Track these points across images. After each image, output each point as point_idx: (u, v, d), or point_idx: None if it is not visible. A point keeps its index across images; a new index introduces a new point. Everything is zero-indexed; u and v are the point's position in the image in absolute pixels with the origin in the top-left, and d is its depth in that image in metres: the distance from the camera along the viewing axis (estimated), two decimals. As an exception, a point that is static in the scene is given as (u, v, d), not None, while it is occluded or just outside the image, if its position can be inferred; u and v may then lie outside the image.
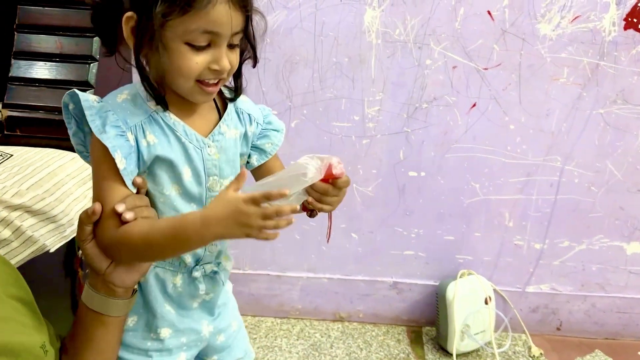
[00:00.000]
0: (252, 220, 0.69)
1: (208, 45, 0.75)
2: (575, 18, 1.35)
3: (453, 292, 1.54)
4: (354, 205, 1.58)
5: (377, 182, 1.55)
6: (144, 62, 0.77)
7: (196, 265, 0.89)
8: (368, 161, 1.52)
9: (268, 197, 0.68)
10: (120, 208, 0.74)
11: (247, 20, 0.77)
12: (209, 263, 0.91)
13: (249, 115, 0.91)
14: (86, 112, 0.77)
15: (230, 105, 0.90)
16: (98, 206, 0.75)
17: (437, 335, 1.65)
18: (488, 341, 1.58)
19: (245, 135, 0.91)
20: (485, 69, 1.41)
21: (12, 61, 1.25)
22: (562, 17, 1.35)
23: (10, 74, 1.25)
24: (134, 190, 0.81)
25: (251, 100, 0.91)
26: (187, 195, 0.83)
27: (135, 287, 0.86)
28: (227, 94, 0.91)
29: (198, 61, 0.74)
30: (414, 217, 1.59)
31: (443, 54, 1.40)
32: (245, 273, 1.69)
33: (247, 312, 1.74)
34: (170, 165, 0.82)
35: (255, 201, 0.69)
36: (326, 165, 0.77)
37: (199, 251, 0.88)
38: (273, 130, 0.94)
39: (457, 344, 1.54)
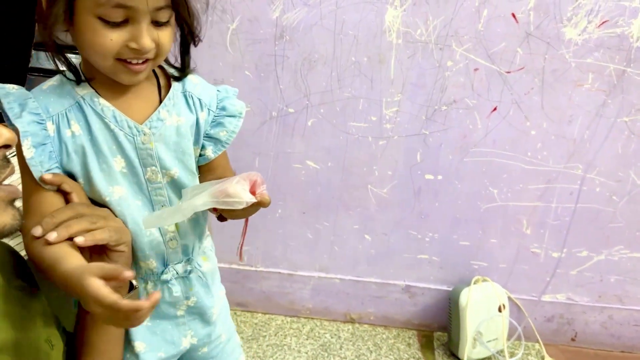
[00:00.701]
0: (91, 304, 0.59)
1: (126, 21, 0.68)
2: (603, 23, 1.33)
3: (466, 298, 1.53)
4: (368, 206, 1.57)
5: (392, 184, 1.54)
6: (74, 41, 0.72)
7: (165, 268, 0.84)
8: (384, 162, 1.52)
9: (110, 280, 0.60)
10: (37, 232, 0.68)
11: None
12: (178, 263, 0.85)
13: (199, 100, 0.82)
14: (2, 101, 0.71)
15: (175, 89, 0.81)
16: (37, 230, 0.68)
17: (448, 341, 1.64)
18: (500, 349, 1.57)
19: (197, 123, 0.82)
20: (508, 72, 1.39)
21: (33, 52, 1.26)
22: (589, 21, 1.32)
23: (30, 65, 1.27)
24: (43, 185, 0.73)
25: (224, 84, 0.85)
26: (129, 190, 0.78)
27: (134, 282, 0.82)
28: (174, 73, 0.83)
29: (113, 38, 0.68)
30: (429, 220, 1.58)
31: (465, 55, 1.39)
32: (257, 270, 1.70)
33: (257, 309, 1.74)
34: (100, 156, 0.76)
35: (104, 274, 0.60)
36: (251, 183, 0.74)
37: (161, 248, 0.83)
38: (228, 116, 0.85)
39: (468, 351, 1.53)
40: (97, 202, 0.78)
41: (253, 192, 0.73)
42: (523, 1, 1.32)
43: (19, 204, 0.62)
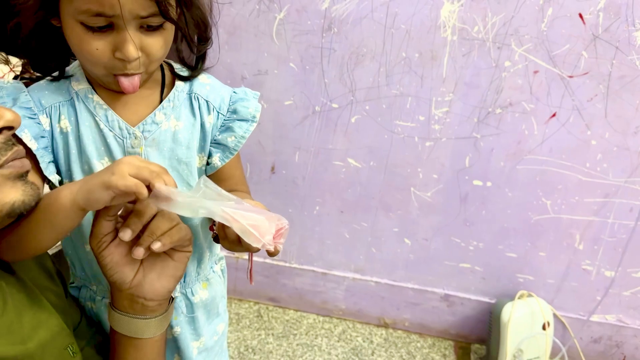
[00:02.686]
0: (126, 160, 0.61)
1: (111, 27, 0.65)
2: (682, 28, 1.25)
3: (509, 312, 1.49)
4: (410, 209, 1.55)
5: (437, 187, 1.51)
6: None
7: None
8: (430, 165, 1.49)
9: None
10: (126, 236, 0.64)
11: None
12: None
13: (206, 102, 0.78)
14: None
15: (179, 90, 0.77)
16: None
17: (486, 355, 1.61)
18: (542, 369, 1.54)
19: (203, 127, 0.78)
20: (570, 76, 1.34)
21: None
22: (666, 26, 1.25)
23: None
24: (54, 177, 0.73)
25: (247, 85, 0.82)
26: None
27: (173, 295, 0.77)
28: (180, 71, 0.78)
29: (98, 47, 0.65)
30: (474, 228, 1.54)
31: (524, 56, 1.34)
32: (291, 266, 1.71)
33: (289, 305, 1.76)
34: (83, 157, 0.73)
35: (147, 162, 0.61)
36: (278, 228, 0.65)
37: None
38: (239, 120, 0.79)
39: (507, 369, 1.50)
40: None
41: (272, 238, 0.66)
42: (592, 1, 1.25)
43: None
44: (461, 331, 1.68)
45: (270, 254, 0.68)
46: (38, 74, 0.77)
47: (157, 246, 0.64)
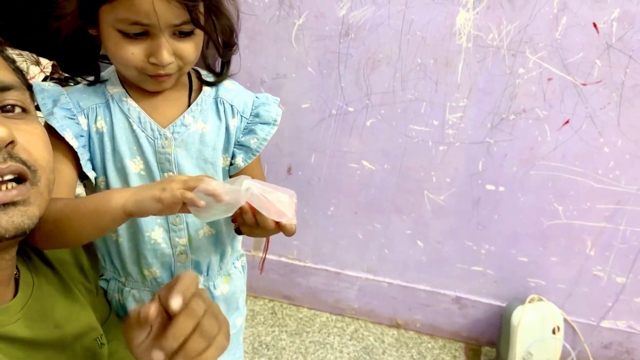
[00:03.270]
0: (176, 178, 0.65)
1: (146, 34, 0.70)
2: (696, 38, 1.28)
3: (519, 316, 1.53)
4: (423, 212, 1.59)
5: (450, 191, 1.55)
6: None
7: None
8: (443, 169, 1.53)
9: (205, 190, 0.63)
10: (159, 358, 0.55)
11: (194, 8, 0.70)
12: None
13: (231, 106, 0.83)
14: (37, 97, 0.76)
15: (206, 94, 0.82)
16: (153, 309, 0.55)
17: (496, 358, 1.65)
18: (551, 373, 1.57)
19: (228, 130, 0.83)
20: (584, 84, 1.37)
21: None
22: (680, 36, 1.28)
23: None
24: (92, 173, 0.77)
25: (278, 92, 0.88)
26: None
27: None
28: (206, 77, 0.84)
29: (134, 52, 0.71)
30: (486, 232, 1.58)
31: (538, 64, 1.37)
32: (306, 265, 1.76)
33: (303, 303, 1.81)
34: (117, 155, 0.78)
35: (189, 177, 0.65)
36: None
37: (167, 260, 0.83)
38: (261, 123, 0.85)
39: (516, 371, 1.54)
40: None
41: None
42: (606, 10, 1.28)
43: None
44: (472, 333, 1.72)
45: (289, 231, 0.71)
46: (66, 75, 0.83)
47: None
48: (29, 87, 0.67)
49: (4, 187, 0.56)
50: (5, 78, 0.61)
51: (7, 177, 0.56)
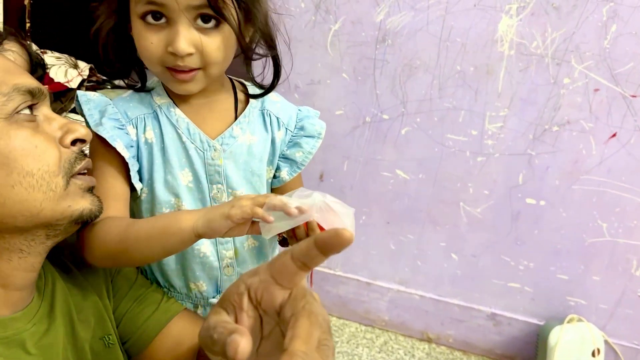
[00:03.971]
0: (244, 197, 0.65)
1: (166, 21, 0.68)
2: None
3: (557, 336, 1.48)
4: (458, 224, 1.56)
5: (487, 204, 1.51)
6: None
7: (217, 294, 0.84)
8: (481, 180, 1.49)
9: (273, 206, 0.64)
10: None
11: None
12: None
13: (277, 119, 0.83)
14: (83, 107, 0.75)
15: (253, 106, 0.82)
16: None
17: (532, 378, 1.60)
18: (590, 398, 1.51)
19: (273, 142, 0.83)
20: (633, 96, 1.31)
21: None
22: None
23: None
24: (139, 185, 0.77)
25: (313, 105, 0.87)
26: (192, 205, 0.78)
27: None
28: (252, 90, 0.83)
29: (153, 41, 0.69)
30: (525, 247, 1.53)
31: (585, 74, 1.32)
32: (336, 274, 1.74)
33: (332, 312, 1.80)
34: (168, 167, 0.77)
35: (257, 196, 0.66)
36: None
37: (214, 273, 0.83)
38: (306, 136, 0.84)
39: (552, 394, 1.49)
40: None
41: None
42: (661, 19, 1.23)
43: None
44: (507, 352, 1.67)
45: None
46: (104, 78, 0.83)
47: None
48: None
49: (82, 176, 0.66)
50: (42, 86, 0.64)
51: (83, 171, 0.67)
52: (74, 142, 0.65)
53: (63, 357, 0.66)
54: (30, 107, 0.63)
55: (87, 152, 0.74)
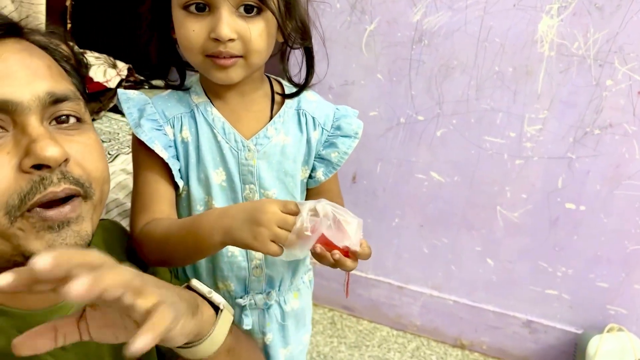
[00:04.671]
0: (266, 222, 0.64)
1: (208, 10, 0.70)
2: None
3: (596, 346, 1.44)
4: (495, 229, 1.54)
5: (525, 208, 1.49)
6: None
7: (245, 294, 0.85)
8: (519, 184, 1.47)
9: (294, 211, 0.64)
10: None
11: None
12: (260, 293, 0.85)
13: (313, 118, 0.83)
14: (123, 106, 0.76)
15: (288, 106, 0.82)
16: None
17: (569, 389, 1.57)
18: (630, 411, 1.47)
19: (309, 142, 0.83)
20: (681, 98, 1.28)
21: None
22: None
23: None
24: (180, 182, 0.78)
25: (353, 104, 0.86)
26: (224, 205, 0.79)
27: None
28: (288, 90, 0.83)
29: (195, 29, 0.70)
30: (563, 254, 1.51)
31: (628, 75, 1.29)
32: (368, 277, 1.74)
33: (363, 315, 1.80)
34: (201, 166, 0.78)
35: (284, 205, 0.65)
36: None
37: (243, 274, 0.83)
38: (342, 136, 0.83)
39: (591, 406, 1.45)
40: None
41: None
42: None
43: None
44: (543, 360, 1.64)
45: (361, 257, 0.71)
46: (142, 78, 0.85)
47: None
48: (83, 93, 0.67)
49: (58, 206, 0.56)
50: (60, 89, 0.60)
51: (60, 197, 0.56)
52: (38, 167, 0.55)
53: (97, 347, 0.67)
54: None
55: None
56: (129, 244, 0.79)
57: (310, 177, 0.86)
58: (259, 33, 0.71)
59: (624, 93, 1.31)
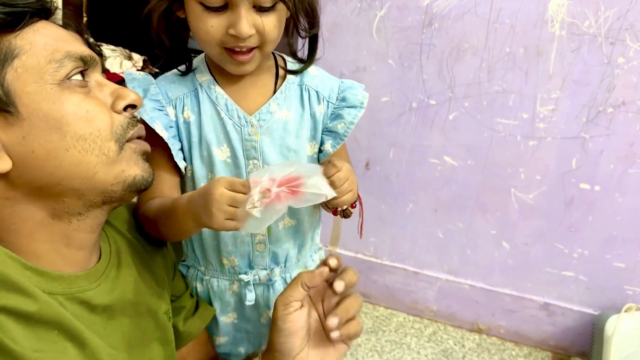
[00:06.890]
0: (216, 203, 0.66)
1: (227, 7, 0.71)
2: None
3: (614, 326, 1.46)
4: (509, 212, 1.56)
5: (540, 190, 1.51)
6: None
7: (250, 269, 0.87)
8: (532, 165, 1.49)
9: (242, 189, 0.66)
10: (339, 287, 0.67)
11: None
12: (264, 269, 0.87)
13: (316, 92, 0.84)
14: (128, 85, 0.79)
15: (290, 82, 0.83)
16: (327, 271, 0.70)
17: (587, 370, 1.58)
18: (650, 390, 1.48)
19: (313, 117, 0.84)
20: (694, 74, 1.29)
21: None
22: None
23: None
24: (182, 163, 0.81)
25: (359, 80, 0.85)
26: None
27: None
28: (292, 66, 0.85)
29: (213, 24, 0.72)
30: (579, 235, 1.52)
31: (641, 52, 1.31)
32: (383, 263, 1.77)
33: (380, 302, 1.82)
34: (203, 143, 0.80)
35: (230, 184, 0.66)
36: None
37: (246, 249, 0.85)
38: (348, 107, 0.85)
39: (609, 386, 1.47)
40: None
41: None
42: None
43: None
44: (561, 343, 1.66)
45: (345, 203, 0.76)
46: (157, 70, 0.88)
47: (335, 335, 0.67)
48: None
49: (138, 140, 0.71)
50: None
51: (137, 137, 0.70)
52: (125, 108, 0.69)
53: (123, 320, 0.71)
54: (82, 73, 0.65)
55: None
56: None
57: (320, 151, 0.88)
58: (274, 25, 0.75)
59: (636, 70, 1.33)
